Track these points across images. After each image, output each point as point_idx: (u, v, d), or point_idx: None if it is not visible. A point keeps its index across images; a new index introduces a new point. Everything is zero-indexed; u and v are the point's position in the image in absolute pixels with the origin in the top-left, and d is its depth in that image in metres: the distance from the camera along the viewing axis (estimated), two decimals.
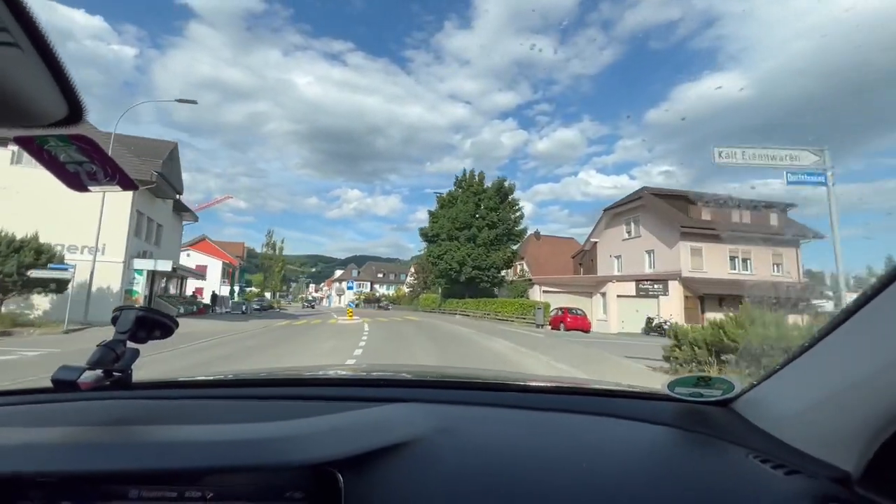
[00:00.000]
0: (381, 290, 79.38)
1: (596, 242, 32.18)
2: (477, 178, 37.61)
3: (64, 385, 0.69)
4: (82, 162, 0.54)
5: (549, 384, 1.21)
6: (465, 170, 39.31)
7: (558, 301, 25.84)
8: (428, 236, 39.23)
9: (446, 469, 0.67)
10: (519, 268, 39.36)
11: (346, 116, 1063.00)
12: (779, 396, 0.77)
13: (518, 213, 36.47)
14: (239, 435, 0.69)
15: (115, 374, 0.75)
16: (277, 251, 63.23)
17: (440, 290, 43.30)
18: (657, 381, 1.03)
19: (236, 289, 32.61)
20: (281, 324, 19.92)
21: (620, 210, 29.43)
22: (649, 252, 26.81)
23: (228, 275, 54.26)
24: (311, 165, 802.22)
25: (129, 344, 0.76)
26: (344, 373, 1.42)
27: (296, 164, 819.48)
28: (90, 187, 0.58)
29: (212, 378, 1.17)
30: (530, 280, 32.49)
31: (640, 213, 27.75)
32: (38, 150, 0.52)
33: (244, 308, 31.99)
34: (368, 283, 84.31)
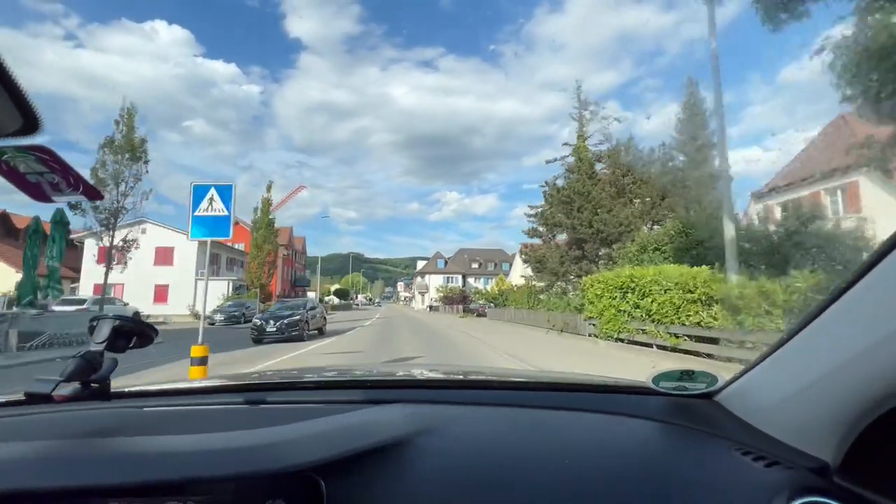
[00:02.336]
0: (478, 285, 55.66)
1: None
2: None
3: (37, 398, 0.66)
4: (43, 172, 0.52)
5: (531, 380, 1.21)
6: None
7: None
8: None
9: (429, 470, 0.67)
10: None
11: (441, 120, 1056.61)
12: (760, 388, 0.77)
13: None
14: (218, 444, 0.67)
15: (92, 384, 0.72)
16: (259, 211, 31.67)
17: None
18: None
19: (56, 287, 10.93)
20: None
21: None
22: None
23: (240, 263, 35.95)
24: (412, 172, 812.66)
25: (108, 354, 0.75)
26: (325, 376, 1.33)
27: (397, 173, 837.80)
28: (53, 198, 0.56)
29: (191, 386, 1.21)
30: None
31: None
32: None
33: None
34: (459, 277, 62.16)
